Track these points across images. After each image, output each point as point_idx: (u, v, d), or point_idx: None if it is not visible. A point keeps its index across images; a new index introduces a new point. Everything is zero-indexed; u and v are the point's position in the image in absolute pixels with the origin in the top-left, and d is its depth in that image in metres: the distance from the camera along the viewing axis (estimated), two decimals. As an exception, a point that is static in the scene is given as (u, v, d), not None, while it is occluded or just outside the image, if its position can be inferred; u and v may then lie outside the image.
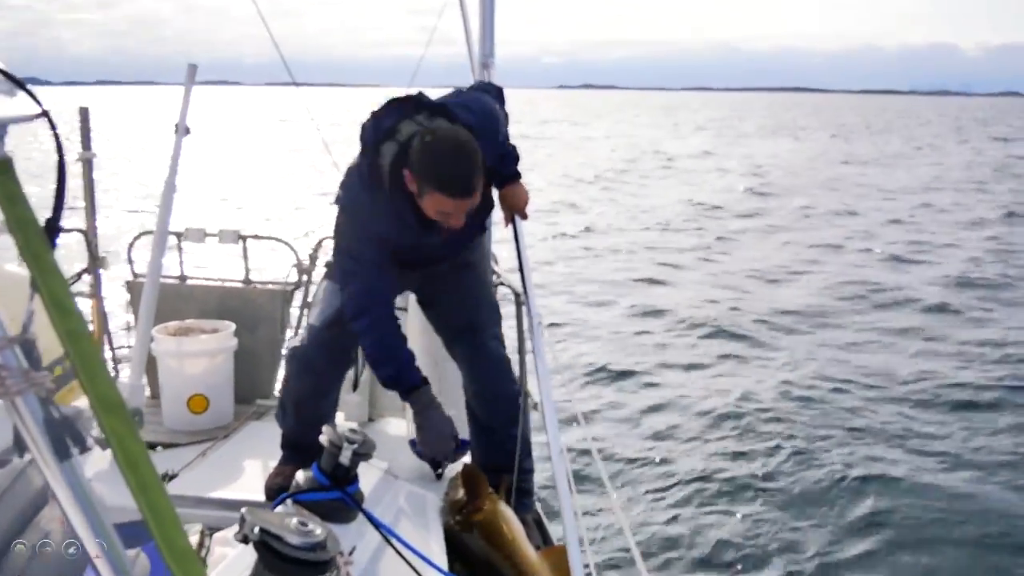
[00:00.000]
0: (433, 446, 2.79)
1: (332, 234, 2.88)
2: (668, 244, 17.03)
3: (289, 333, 4.23)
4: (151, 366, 3.79)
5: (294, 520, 1.53)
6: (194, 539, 2.18)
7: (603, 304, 12.00)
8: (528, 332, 2.92)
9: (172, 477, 3.18)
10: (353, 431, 2.16)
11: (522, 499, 3.12)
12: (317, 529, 1.54)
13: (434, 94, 2.69)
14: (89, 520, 1.05)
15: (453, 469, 3.33)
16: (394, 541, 2.09)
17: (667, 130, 66.21)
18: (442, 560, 2.42)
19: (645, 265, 14.83)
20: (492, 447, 3.13)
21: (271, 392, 4.19)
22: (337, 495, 2.10)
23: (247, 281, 4.28)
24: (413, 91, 2.68)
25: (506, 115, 2.93)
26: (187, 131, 3.39)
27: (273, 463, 3.21)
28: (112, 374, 4.35)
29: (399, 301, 3.14)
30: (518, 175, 2.96)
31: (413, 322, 3.42)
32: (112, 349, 4.39)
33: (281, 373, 4.30)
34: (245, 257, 4.29)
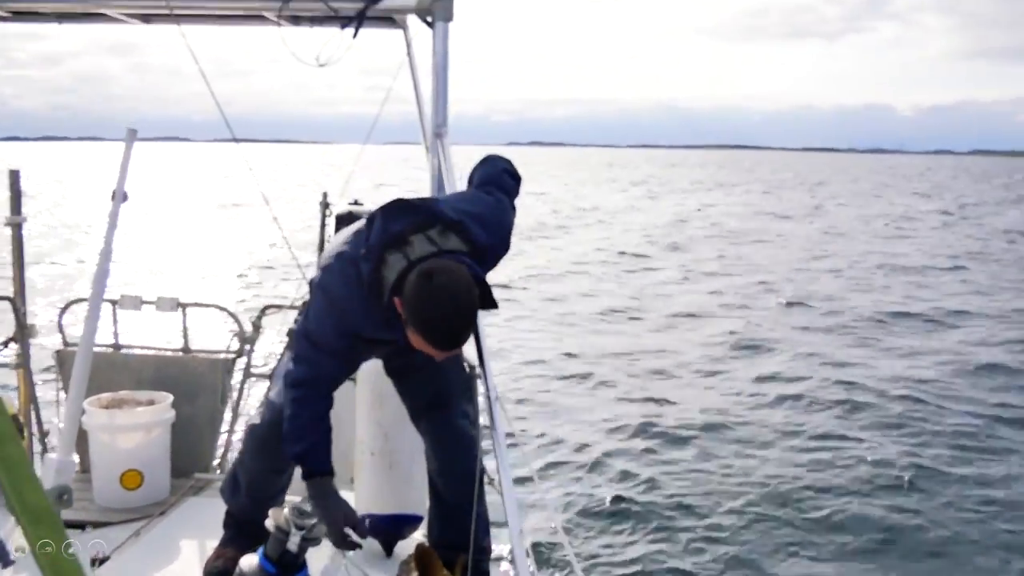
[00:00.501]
0: (330, 537, 2.63)
1: (300, 305, 2.74)
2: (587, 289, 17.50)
3: (230, 404, 4.07)
4: (82, 440, 3.60)
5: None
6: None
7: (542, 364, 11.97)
8: (484, 406, 2.83)
9: (103, 561, 2.99)
10: (301, 512, 2.04)
11: (478, 580, 3.00)
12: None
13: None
14: None
15: (405, 548, 3.20)
16: None
17: (605, 186, 67.57)
18: None
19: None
20: (450, 524, 3.01)
21: (210, 465, 4.02)
22: (284, 584, 1.97)
23: (186, 349, 4.12)
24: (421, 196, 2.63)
25: (516, 193, 2.90)
26: (125, 197, 3.26)
27: (213, 543, 3.06)
28: (39, 448, 4.14)
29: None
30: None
31: (363, 393, 3.31)
32: (39, 422, 4.18)
33: (220, 446, 4.14)
34: (184, 325, 4.15)
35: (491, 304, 2.55)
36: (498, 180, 2.88)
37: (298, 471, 2.77)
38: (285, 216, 2.75)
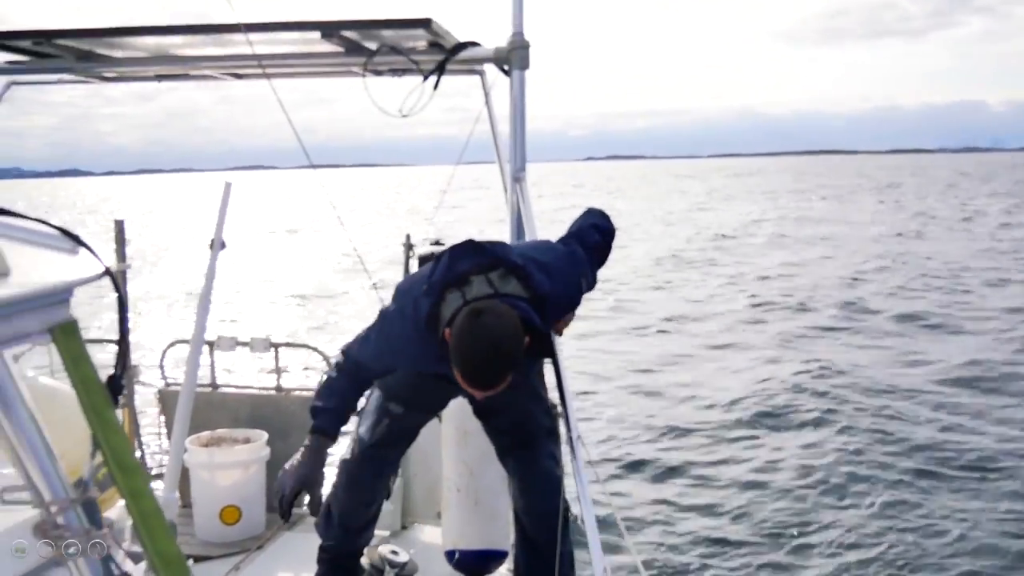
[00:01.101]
0: (284, 477, 2.81)
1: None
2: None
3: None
4: (183, 477, 3.78)
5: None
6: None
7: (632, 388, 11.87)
8: (567, 448, 2.90)
9: None
10: (394, 552, 2.14)
11: (565, 617, 3.06)
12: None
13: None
14: None
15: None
16: None
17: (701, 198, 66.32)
18: None
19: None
20: (536, 561, 3.09)
21: (304, 500, 4.15)
22: (380, 621, 2.07)
23: (279, 388, 4.29)
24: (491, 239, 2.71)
25: (604, 248, 2.95)
26: (223, 246, 3.45)
27: None
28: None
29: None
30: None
31: (448, 431, 3.40)
32: (143, 457, 4.39)
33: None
34: (277, 364, 4.32)
35: (548, 353, 2.61)
36: (582, 233, 2.93)
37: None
38: (366, 243, 2.89)
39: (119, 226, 4.08)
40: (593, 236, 2.93)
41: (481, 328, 2.41)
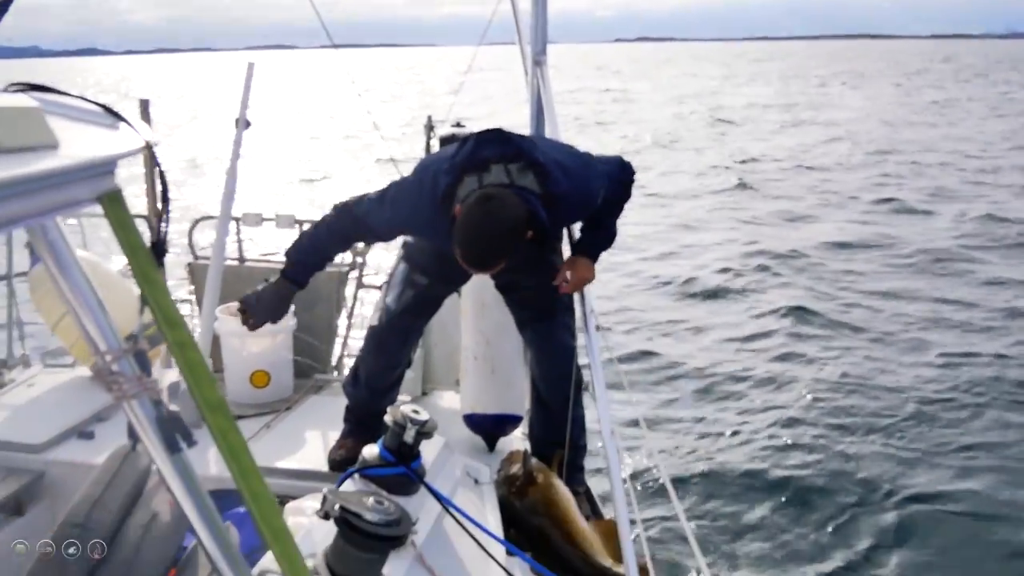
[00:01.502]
0: (252, 304, 3.05)
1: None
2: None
3: (345, 312, 4.38)
4: (215, 343, 3.97)
5: (371, 499, 1.66)
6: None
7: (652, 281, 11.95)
8: (582, 319, 3.04)
9: None
10: (416, 411, 2.28)
11: (574, 474, 3.28)
12: (392, 507, 1.67)
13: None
14: (195, 503, 1.19)
15: (506, 444, 3.48)
16: (454, 512, 2.22)
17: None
18: (498, 529, 2.55)
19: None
20: (549, 424, 3.29)
21: (328, 367, 4.35)
22: (402, 471, 2.24)
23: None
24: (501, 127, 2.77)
25: (624, 193, 3.02)
26: (247, 124, 3.53)
27: (334, 434, 3.38)
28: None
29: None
30: (595, 256, 3.05)
31: (467, 303, 3.55)
32: None
33: (337, 349, 4.47)
34: None
35: (543, 246, 2.73)
36: (606, 161, 3.01)
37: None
38: (385, 122, 2.98)
39: (144, 105, 4.15)
40: (623, 178, 3.01)
41: (486, 212, 2.53)
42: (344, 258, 4.39)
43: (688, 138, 27.92)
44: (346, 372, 3.61)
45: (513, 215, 2.56)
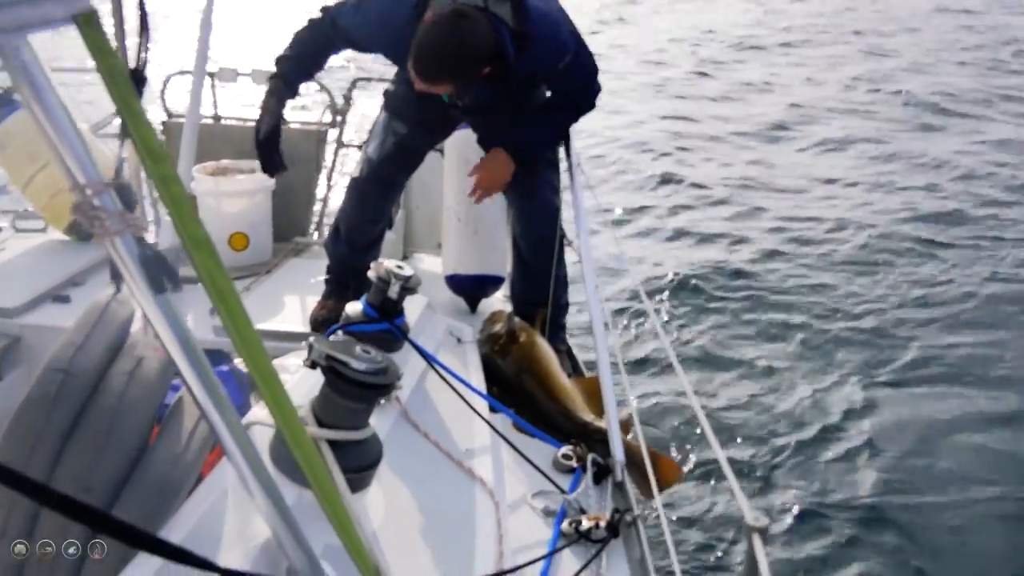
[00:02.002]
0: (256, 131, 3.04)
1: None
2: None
3: (324, 172, 4.30)
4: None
5: (358, 348, 1.65)
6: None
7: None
8: (569, 175, 3.00)
9: None
10: (399, 266, 2.26)
11: (556, 332, 3.30)
12: (379, 356, 1.67)
13: None
14: (181, 345, 1.17)
15: (488, 305, 3.49)
16: (438, 368, 2.23)
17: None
18: (481, 385, 2.58)
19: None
20: (532, 282, 3.28)
21: (308, 230, 4.31)
22: (386, 326, 2.23)
23: (282, 120, 4.31)
24: None
25: (589, 89, 2.98)
26: None
27: (313, 297, 3.37)
28: (152, 216, 4.48)
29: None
30: (522, 155, 2.97)
31: (451, 162, 3.49)
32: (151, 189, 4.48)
33: (316, 211, 4.41)
34: None
35: (503, 76, 2.65)
36: (584, 58, 2.92)
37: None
38: None
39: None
40: (591, 81, 2.99)
41: (454, 27, 2.49)
42: (323, 115, 4.29)
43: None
44: (326, 235, 3.57)
45: (479, 40, 2.53)
